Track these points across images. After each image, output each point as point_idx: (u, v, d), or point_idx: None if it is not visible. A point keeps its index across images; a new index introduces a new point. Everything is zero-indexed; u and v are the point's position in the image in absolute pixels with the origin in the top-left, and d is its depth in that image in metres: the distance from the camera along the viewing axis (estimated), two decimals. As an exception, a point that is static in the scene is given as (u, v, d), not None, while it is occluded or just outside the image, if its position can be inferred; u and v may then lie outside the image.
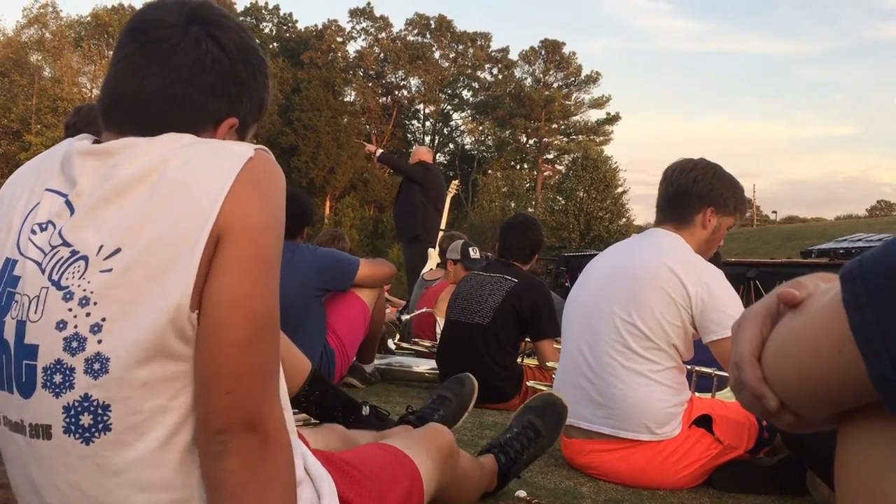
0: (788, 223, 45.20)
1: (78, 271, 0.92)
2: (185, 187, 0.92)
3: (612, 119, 47.22)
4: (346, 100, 46.17)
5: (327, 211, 41.22)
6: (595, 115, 47.59)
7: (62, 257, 0.94)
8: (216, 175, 0.92)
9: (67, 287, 0.92)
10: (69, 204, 0.96)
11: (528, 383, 3.35)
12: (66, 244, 0.94)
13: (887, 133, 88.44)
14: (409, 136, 49.49)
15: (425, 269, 6.12)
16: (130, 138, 0.99)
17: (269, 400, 0.94)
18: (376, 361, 3.75)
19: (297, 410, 2.28)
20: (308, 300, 3.12)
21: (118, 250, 0.91)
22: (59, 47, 37.59)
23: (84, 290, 0.91)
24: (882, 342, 0.52)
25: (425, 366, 3.91)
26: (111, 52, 1.19)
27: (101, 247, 0.92)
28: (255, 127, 1.13)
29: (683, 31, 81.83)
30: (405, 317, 4.93)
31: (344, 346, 3.31)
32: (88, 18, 41.28)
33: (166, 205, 0.92)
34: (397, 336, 4.74)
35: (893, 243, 0.54)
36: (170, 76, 1.01)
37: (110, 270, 0.91)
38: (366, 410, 2.31)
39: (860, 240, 9.36)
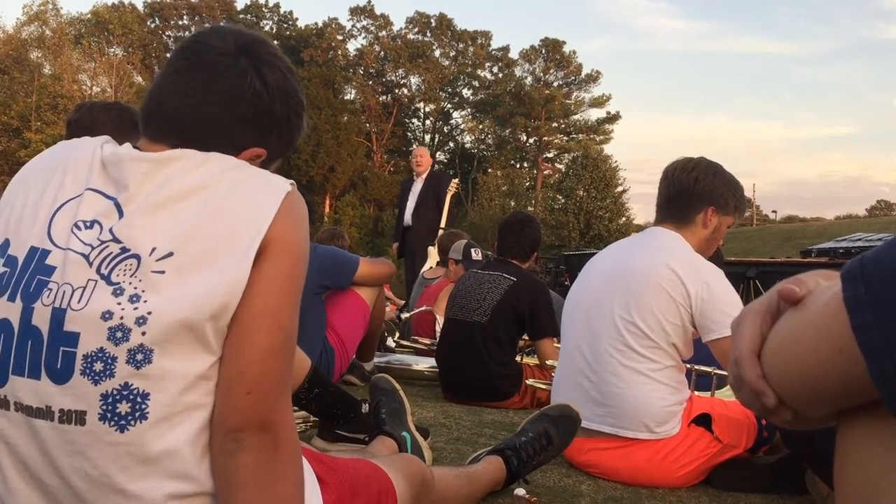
0: (788, 223, 45.18)
1: (129, 269, 0.97)
2: (236, 206, 0.99)
3: (612, 118, 47.16)
4: (346, 98, 46.07)
5: (327, 209, 41.16)
6: (595, 114, 47.69)
7: (111, 253, 0.98)
8: (264, 200, 1.01)
9: (118, 283, 0.96)
10: (118, 207, 1.01)
11: (527, 381, 3.35)
12: (116, 240, 0.98)
13: (886, 133, 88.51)
14: (409, 134, 49.45)
15: (425, 268, 6.12)
16: (185, 150, 1.05)
17: (283, 404, 1.01)
18: (376, 359, 3.75)
19: (296, 408, 2.28)
20: (308, 298, 3.08)
21: (171, 254, 0.96)
22: (59, 44, 37.50)
23: (135, 288, 0.96)
24: (882, 342, 0.52)
25: (425, 364, 3.91)
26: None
27: (153, 249, 0.97)
28: (279, 161, 1.20)
29: (683, 31, 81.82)
30: (405, 315, 4.93)
31: (343, 344, 3.31)
32: (89, 16, 41.15)
33: (218, 219, 0.98)
34: (397, 334, 4.75)
35: (894, 243, 0.54)
36: (208, 98, 1.09)
37: (163, 272, 0.96)
38: (365, 408, 2.31)
39: (860, 239, 9.33)
